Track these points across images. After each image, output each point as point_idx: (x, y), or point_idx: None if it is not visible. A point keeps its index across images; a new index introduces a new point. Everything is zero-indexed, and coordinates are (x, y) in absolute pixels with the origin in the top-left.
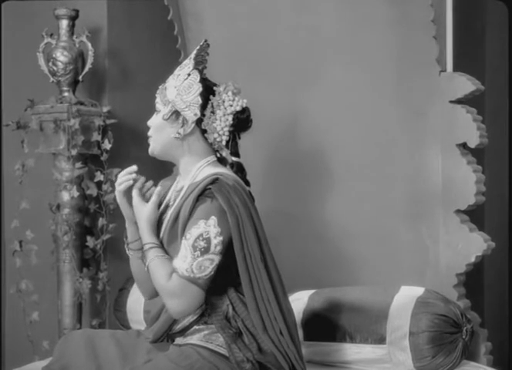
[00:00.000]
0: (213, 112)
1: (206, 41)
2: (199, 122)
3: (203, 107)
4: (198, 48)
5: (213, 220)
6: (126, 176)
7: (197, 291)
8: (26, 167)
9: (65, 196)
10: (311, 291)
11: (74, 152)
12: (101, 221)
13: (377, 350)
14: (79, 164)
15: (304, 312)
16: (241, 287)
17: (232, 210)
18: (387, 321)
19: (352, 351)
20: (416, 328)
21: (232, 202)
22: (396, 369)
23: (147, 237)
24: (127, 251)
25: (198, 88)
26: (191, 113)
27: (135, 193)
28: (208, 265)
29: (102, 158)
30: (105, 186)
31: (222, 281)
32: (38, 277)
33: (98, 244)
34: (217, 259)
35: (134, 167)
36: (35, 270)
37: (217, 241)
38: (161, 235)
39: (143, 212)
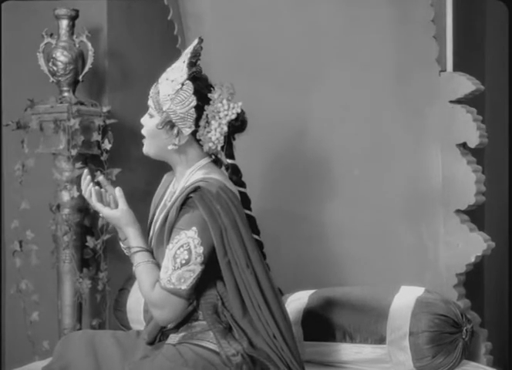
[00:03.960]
0: (208, 123)
1: (200, 38)
2: (194, 132)
3: (198, 118)
4: (192, 51)
5: (193, 231)
6: (84, 184)
7: (179, 302)
8: (26, 167)
9: (65, 196)
10: (311, 291)
11: (74, 152)
12: (101, 221)
13: (377, 350)
14: (79, 164)
15: (304, 312)
16: None
17: (214, 219)
18: (387, 321)
19: (352, 351)
20: (416, 328)
21: (214, 211)
22: (396, 369)
23: (133, 241)
24: (125, 251)
25: (192, 100)
26: (185, 127)
27: (99, 206)
28: (189, 276)
29: (102, 158)
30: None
31: (212, 277)
32: (38, 277)
33: (98, 244)
34: (198, 269)
35: (86, 171)
36: (35, 270)
37: (197, 252)
38: (151, 236)
39: (118, 219)
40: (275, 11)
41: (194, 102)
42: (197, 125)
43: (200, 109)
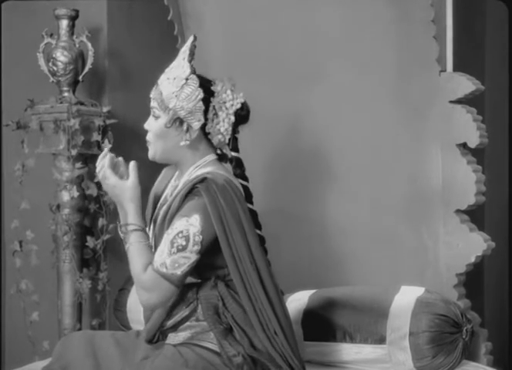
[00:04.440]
0: (215, 115)
1: (194, 35)
2: (202, 126)
3: (206, 111)
4: (190, 48)
5: (195, 218)
6: (100, 163)
7: (168, 287)
8: (26, 167)
9: (65, 196)
10: (311, 291)
11: (74, 152)
12: (101, 221)
13: (377, 350)
14: (79, 164)
15: (305, 312)
16: (232, 283)
17: (216, 210)
18: (387, 321)
19: (352, 351)
20: (416, 328)
21: (218, 202)
22: (396, 369)
23: (131, 218)
24: (121, 235)
25: (199, 93)
26: (195, 120)
27: (109, 172)
28: (183, 263)
29: None
30: None
31: (213, 277)
32: (38, 277)
33: (98, 244)
34: (193, 258)
35: (105, 150)
36: (35, 270)
37: (195, 240)
38: (155, 229)
39: (124, 191)
40: (275, 11)
41: (202, 95)
42: (205, 118)
43: (206, 102)
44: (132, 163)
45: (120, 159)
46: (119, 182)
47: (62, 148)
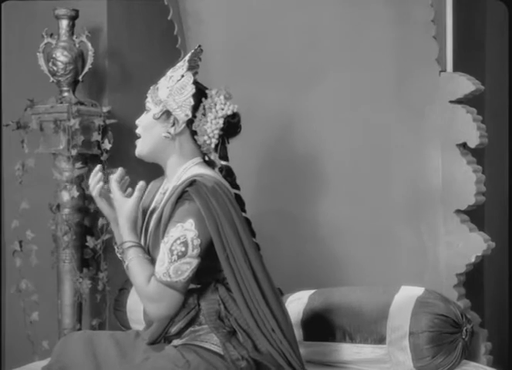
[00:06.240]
0: (204, 115)
1: (200, 46)
2: (189, 123)
3: (195, 109)
4: (192, 52)
5: (190, 223)
6: (93, 180)
7: (175, 295)
8: (26, 167)
9: (65, 196)
10: (311, 291)
11: (74, 152)
12: (101, 221)
13: (377, 350)
14: (79, 164)
15: (304, 312)
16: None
17: (209, 213)
18: (387, 321)
19: (352, 351)
20: (415, 328)
21: (210, 204)
22: (396, 369)
23: (127, 235)
24: (119, 256)
25: (191, 89)
26: (182, 114)
27: (114, 186)
28: (185, 269)
29: (102, 158)
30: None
31: (213, 281)
32: (38, 277)
33: (98, 244)
34: (194, 262)
35: (98, 166)
36: (35, 270)
37: (194, 244)
38: (147, 238)
39: (124, 208)
40: (275, 11)
41: (193, 90)
42: (193, 115)
43: (197, 100)
44: (140, 183)
45: (126, 177)
46: (121, 197)
47: (62, 148)
